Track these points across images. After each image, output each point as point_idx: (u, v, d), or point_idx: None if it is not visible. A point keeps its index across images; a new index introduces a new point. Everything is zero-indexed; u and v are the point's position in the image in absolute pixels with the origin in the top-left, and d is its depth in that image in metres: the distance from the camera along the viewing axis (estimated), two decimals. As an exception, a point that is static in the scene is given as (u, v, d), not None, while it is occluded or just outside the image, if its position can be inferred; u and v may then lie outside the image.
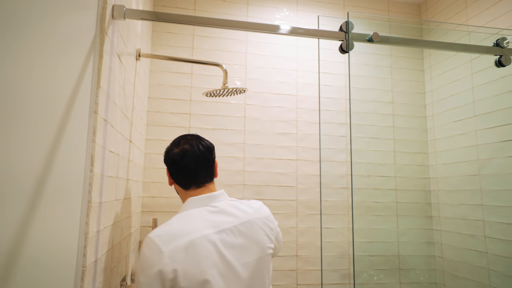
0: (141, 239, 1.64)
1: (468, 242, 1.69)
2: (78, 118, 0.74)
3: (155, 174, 1.70)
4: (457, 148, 1.79)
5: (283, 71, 1.92)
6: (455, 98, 1.83)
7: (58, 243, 0.67)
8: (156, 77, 1.77)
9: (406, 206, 1.93)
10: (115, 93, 0.98)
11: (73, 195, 0.73)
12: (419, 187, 1.96)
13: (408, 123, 2.01)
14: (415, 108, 2.04)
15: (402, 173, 1.96)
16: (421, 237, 1.92)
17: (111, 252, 1.03)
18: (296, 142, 1.87)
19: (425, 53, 2.08)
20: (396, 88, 2.03)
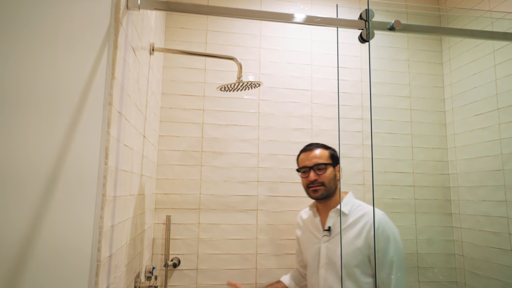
0: (154, 236, 1.63)
1: (491, 239, 1.63)
2: (92, 110, 0.73)
3: (168, 170, 1.68)
4: (479, 143, 1.73)
5: (298, 65, 1.88)
6: (477, 91, 1.76)
7: (73, 237, 0.66)
8: (169, 73, 1.75)
9: (425, 203, 1.88)
10: (129, 86, 0.96)
11: (87, 187, 0.71)
12: (438, 183, 1.90)
13: (427, 118, 1.95)
14: (434, 102, 1.97)
15: (420, 169, 1.90)
16: (440, 234, 1.86)
17: (126, 248, 1.01)
18: (311, 138, 1.83)
19: (444, 45, 2.02)
20: (414, 82, 1.98)
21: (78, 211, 0.68)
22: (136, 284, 1.18)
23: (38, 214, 0.51)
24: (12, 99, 0.43)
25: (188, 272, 1.63)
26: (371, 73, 1.76)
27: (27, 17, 0.46)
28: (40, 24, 0.49)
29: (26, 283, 0.48)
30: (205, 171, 1.72)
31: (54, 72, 0.54)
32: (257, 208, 1.73)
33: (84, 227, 0.70)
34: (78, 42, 0.63)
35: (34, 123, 0.48)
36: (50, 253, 0.56)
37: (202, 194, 1.70)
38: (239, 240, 1.69)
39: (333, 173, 1.37)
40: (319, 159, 1.37)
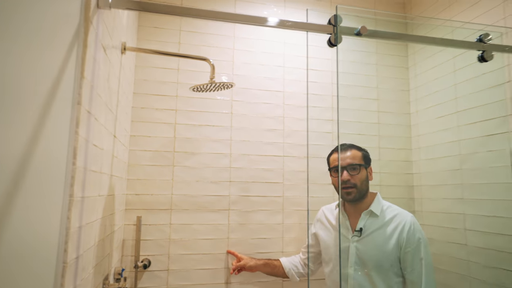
0: (124, 238, 1.61)
1: (449, 235, 1.73)
2: (60, 109, 0.72)
3: (139, 171, 1.67)
4: (440, 144, 1.83)
5: (270, 67, 1.91)
6: (438, 95, 1.86)
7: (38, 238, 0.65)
8: (141, 73, 1.73)
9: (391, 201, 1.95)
10: (99, 86, 0.95)
11: (54, 188, 0.70)
12: (403, 182, 1.99)
13: (393, 120, 2.04)
14: (400, 105, 2.07)
15: (387, 169, 1.99)
16: (405, 232, 1.95)
17: (94, 249, 1.00)
18: (283, 138, 1.87)
19: (409, 50, 2.11)
20: (381, 85, 2.06)
21: (44, 212, 0.67)
22: (105, 286, 1.16)
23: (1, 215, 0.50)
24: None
25: (158, 273, 1.62)
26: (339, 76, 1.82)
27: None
28: (7, 22, 0.49)
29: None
30: (177, 171, 1.71)
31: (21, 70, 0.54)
32: (229, 208, 1.74)
33: (50, 228, 0.69)
34: (46, 41, 0.63)
35: None
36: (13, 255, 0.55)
37: (174, 195, 1.69)
38: (211, 240, 1.70)
39: (365, 175, 1.39)
40: (353, 160, 1.38)
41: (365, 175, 1.39)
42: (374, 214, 1.37)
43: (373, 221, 1.36)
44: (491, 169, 1.53)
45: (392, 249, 1.30)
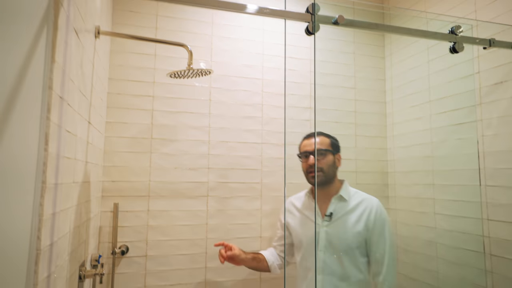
0: (101, 224, 1.60)
1: (420, 219, 1.81)
2: (30, 94, 0.70)
3: (116, 158, 1.65)
4: (413, 132, 1.89)
5: (249, 54, 1.91)
6: (413, 84, 1.91)
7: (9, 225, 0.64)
8: (117, 58, 1.69)
9: (366, 188, 2.01)
10: (71, 70, 0.93)
11: (26, 175, 0.69)
12: (378, 169, 2.06)
13: (369, 108, 2.08)
14: (376, 93, 2.11)
15: (362, 156, 2.04)
16: (378, 217, 2.02)
17: (69, 236, 0.99)
18: (261, 125, 1.88)
19: (386, 40, 2.15)
20: (358, 74, 2.09)
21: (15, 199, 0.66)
22: (81, 273, 1.16)
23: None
24: None
25: (136, 259, 1.63)
26: (317, 64, 1.84)
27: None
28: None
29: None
30: (154, 158, 1.70)
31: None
32: (208, 194, 1.76)
33: (22, 215, 0.68)
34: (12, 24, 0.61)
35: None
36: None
37: (151, 181, 1.68)
38: (189, 225, 1.71)
39: (332, 160, 1.45)
40: (320, 145, 1.45)
41: (332, 161, 1.45)
42: (343, 199, 1.44)
43: (343, 205, 1.43)
44: (459, 156, 1.60)
45: (360, 231, 1.38)
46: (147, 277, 1.63)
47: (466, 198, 1.55)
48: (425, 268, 1.75)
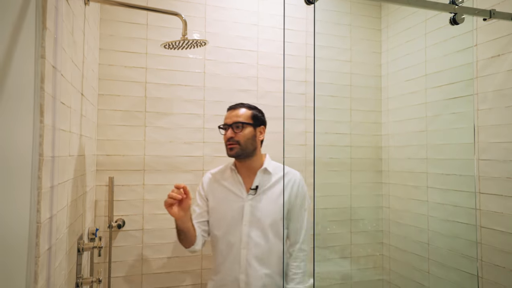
0: (97, 198, 1.59)
1: (412, 192, 1.85)
2: (22, 63, 0.67)
3: (109, 131, 1.62)
4: (408, 106, 1.89)
5: (244, 25, 1.85)
6: (409, 58, 1.90)
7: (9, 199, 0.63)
8: (107, 27, 1.63)
9: (360, 162, 2.04)
10: (63, 39, 0.89)
11: (22, 148, 0.67)
12: (372, 143, 2.07)
13: (365, 82, 2.07)
14: (372, 67, 2.09)
15: (357, 130, 2.05)
16: (371, 190, 2.06)
17: (67, 209, 0.98)
18: (257, 99, 1.86)
19: (383, 12, 2.11)
20: (355, 47, 2.06)
21: (13, 173, 0.64)
22: (79, 246, 1.16)
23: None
24: None
25: (133, 232, 1.64)
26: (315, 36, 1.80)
27: None
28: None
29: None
30: (149, 132, 1.68)
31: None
32: (203, 169, 1.75)
33: (20, 189, 0.67)
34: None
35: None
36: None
37: (146, 155, 1.67)
38: (186, 199, 1.71)
39: (251, 133, 1.39)
40: (238, 118, 1.39)
41: (251, 134, 1.39)
42: (268, 172, 1.43)
43: (267, 178, 1.43)
44: (452, 131, 1.62)
45: (284, 202, 1.40)
46: (144, 250, 1.65)
47: (459, 172, 1.58)
48: (416, 240, 1.80)
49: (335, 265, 2.01)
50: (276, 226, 1.38)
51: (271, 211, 1.38)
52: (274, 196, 1.40)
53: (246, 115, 1.40)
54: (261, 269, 1.35)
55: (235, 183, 1.43)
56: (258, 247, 1.36)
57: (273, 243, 1.37)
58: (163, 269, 1.67)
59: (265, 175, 1.43)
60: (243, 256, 1.36)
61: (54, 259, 0.83)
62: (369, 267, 2.03)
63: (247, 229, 1.37)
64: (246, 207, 1.39)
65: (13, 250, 0.65)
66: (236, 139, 1.37)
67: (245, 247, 1.36)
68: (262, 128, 1.45)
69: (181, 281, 1.70)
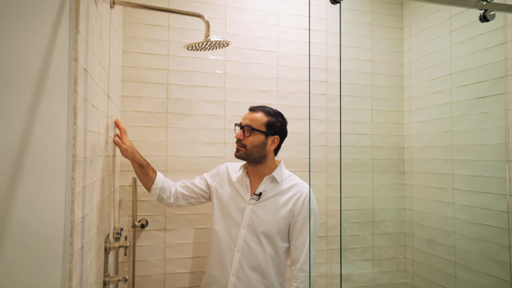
0: (120, 198, 1.61)
1: (436, 194, 1.80)
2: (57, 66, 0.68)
3: (132, 132, 1.64)
4: (432, 106, 1.85)
5: (264, 26, 1.85)
6: (433, 56, 1.85)
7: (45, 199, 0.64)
8: (130, 29, 1.65)
9: (381, 163, 2.01)
10: (93, 42, 0.91)
11: (57, 150, 0.69)
12: (394, 144, 2.03)
13: (386, 82, 2.04)
14: (393, 66, 2.06)
15: (378, 131, 2.01)
16: (393, 191, 2.02)
17: (96, 209, 1.00)
18: (277, 100, 1.85)
19: (405, 10, 2.07)
20: (376, 46, 2.03)
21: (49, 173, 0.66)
22: (106, 245, 1.18)
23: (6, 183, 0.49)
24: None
25: (156, 232, 1.65)
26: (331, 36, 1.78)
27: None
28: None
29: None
30: (171, 133, 1.69)
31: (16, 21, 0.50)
32: (224, 169, 1.75)
33: (55, 190, 0.68)
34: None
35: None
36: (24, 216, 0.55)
37: (168, 156, 1.68)
38: (207, 200, 1.72)
39: (260, 141, 1.36)
40: (251, 122, 1.36)
41: (260, 142, 1.35)
42: (275, 180, 1.39)
43: (273, 187, 1.39)
44: (480, 131, 1.57)
45: (285, 215, 1.35)
46: (167, 250, 1.66)
47: (489, 173, 1.53)
48: (441, 243, 1.76)
49: (357, 267, 1.98)
50: (271, 237, 1.34)
51: (269, 221, 1.35)
52: (276, 207, 1.36)
53: (261, 121, 1.37)
54: (253, 276, 1.33)
55: (242, 185, 1.42)
56: (253, 253, 1.34)
57: (269, 253, 1.34)
58: (185, 269, 1.68)
59: (272, 183, 1.39)
60: (236, 259, 1.35)
61: (86, 257, 0.85)
62: (392, 270, 2.00)
63: (244, 233, 1.35)
64: (246, 211, 1.37)
65: (50, 248, 0.66)
66: (243, 143, 1.37)
67: (239, 251, 1.35)
68: (276, 138, 1.39)
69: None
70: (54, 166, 0.68)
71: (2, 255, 0.49)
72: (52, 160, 0.67)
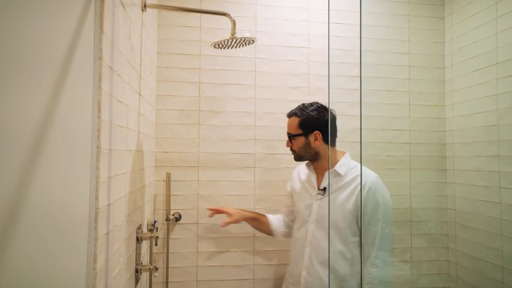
0: (156, 193, 1.69)
1: (482, 193, 1.68)
2: (82, 64, 0.74)
3: (167, 129, 1.72)
4: (476, 99, 1.73)
5: (294, 22, 1.85)
6: (477, 46, 1.73)
7: (71, 185, 0.70)
8: (164, 32, 1.73)
9: (420, 160, 1.91)
10: (120, 42, 0.97)
11: (82, 140, 0.74)
12: (434, 140, 1.92)
13: (425, 75, 1.93)
14: (433, 58, 1.95)
15: (416, 127, 1.92)
16: (434, 190, 1.91)
17: (125, 200, 1.07)
18: (308, 96, 1.84)
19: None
20: (413, 38, 1.94)
21: (74, 161, 0.72)
22: (138, 235, 1.25)
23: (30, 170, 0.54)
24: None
25: (189, 226, 1.72)
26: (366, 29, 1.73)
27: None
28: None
29: (24, 227, 0.52)
30: (203, 130, 1.75)
31: (39, 25, 0.55)
32: (255, 166, 1.78)
33: (82, 176, 0.74)
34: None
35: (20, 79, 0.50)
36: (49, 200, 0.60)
37: (200, 152, 1.74)
38: (237, 196, 1.76)
39: (303, 142, 1.39)
40: (289, 129, 1.43)
41: (303, 143, 1.38)
42: (338, 174, 1.36)
43: (337, 180, 1.36)
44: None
45: (350, 209, 1.30)
46: (199, 243, 1.72)
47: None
48: (488, 246, 1.63)
49: (394, 268, 1.90)
50: (340, 231, 1.31)
51: (335, 216, 1.32)
52: (341, 200, 1.33)
53: (294, 125, 1.40)
54: (322, 271, 1.33)
55: (309, 181, 1.45)
56: (321, 248, 1.34)
57: (339, 248, 1.31)
58: (216, 262, 1.73)
59: (336, 177, 1.37)
60: (307, 254, 1.37)
61: (112, 243, 0.91)
62: (433, 273, 1.89)
63: (313, 229, 1.37)
64: (314, 206, 1.38)
65: (75, 232, 0.72)
66: (293, 149, 1.43)
67: (309, 246, 1.37)
68: (317, 133, 1.37)
69: (234, 275, 1.74)
70: (79, 155, 0.73)
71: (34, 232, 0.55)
72: (77, 150, 0.73)
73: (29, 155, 0.54)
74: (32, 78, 0.54)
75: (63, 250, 0.67)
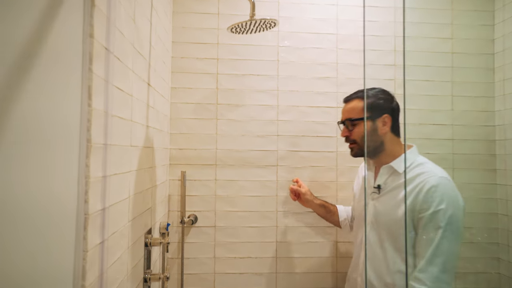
0: (170, 193, 1.57)
1: (542, 197, 1.44)
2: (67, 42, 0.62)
3: (182, 124, 1.59)
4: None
5: (321, 6, 1.67)
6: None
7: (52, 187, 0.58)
8: (179, 19, 1.61)
9: (465, 158, 1.69)
10: (120, 21, 0.84)
11: (67, 132, 0.62)
12: (482, 136, 1.70)
13: (471, 62, 1.71)
14: (481, 43, 1.72)
15: (460, 121, 1.70)
16: (481, 192, 1.69)
17: (129, 202, 0.94)
18: (337, 87, 1.66)
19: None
20: (457, 20, 1.71)
21: (56, 158, 0.59)
22: (147, 240, 1.13)
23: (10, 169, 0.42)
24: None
25: (205, 229, 1.58)
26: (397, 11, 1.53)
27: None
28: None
29: None
30: (221, 125, 1.61)
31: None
32: (277, 164, 1.62)
33: (66, 176, 0.62)
34: None
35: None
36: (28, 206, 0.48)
37: (218, 149, 1.60)
38: (258, 197, 1.61)
39: (369, 127, 1.18)
40: (350, 114, 1.23)
41: (368, 128, 1.19)
42: (395, 171, 1.16)
43: (395, 178, 1.16)
44: None
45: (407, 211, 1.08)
46: (217, 248, 1.58)
47: None
48: (547, 256, 1.40)
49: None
50: (394, 237, 1.11)
51: (389, 219, 1.13)
52: (396, 202, 1.13)
53: (359, 108, 1.21)
54: (374, 278, 1.16)
55: (367, 177, 1.27)
56: (374, 253, 1.17)
57: (391, 254, 1.11)
58: (236, 269, 1.59)
59: (394, 174, 1.17)
60: (362, 259, 1.24)
61: (110, 254, 0.78)
62: (481, 287, 1.66)
63: (368, 232, 1.21)
64: (369, 207, 1.22)
65: (57, 243, 0.60)
66: (352, 138, 1.23)
67: (363, 250, 1.23)
68: (387, 118, 1.17)
69: (254, 284, 1.59)
70: (63, 151, 0.61)
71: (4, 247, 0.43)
72: (60, 144, 0.61)
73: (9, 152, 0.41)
74: None
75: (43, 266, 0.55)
